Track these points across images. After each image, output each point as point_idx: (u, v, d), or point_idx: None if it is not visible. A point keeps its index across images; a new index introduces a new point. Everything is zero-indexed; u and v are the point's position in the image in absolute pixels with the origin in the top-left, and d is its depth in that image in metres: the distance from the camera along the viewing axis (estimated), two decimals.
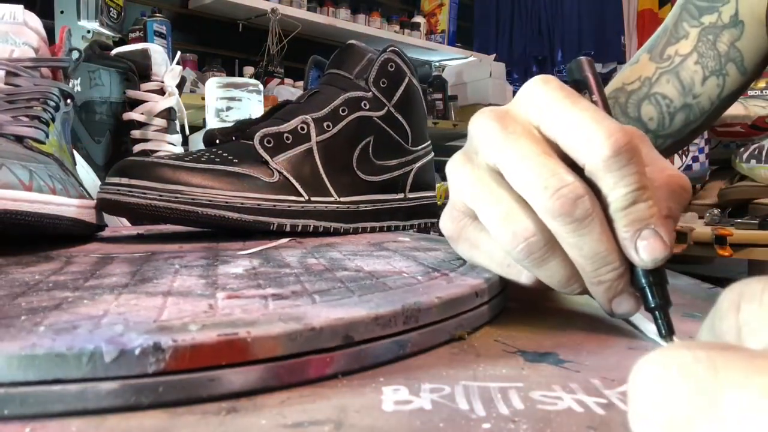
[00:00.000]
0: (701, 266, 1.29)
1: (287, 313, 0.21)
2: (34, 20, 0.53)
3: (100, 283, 0.28)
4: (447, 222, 0.31)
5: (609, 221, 0.25)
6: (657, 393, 0.12)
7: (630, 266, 0.26)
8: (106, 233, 0.52)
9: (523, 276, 0.28)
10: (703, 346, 0.12)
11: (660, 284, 0.26)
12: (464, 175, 0.28)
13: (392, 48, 0.58)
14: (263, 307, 0.23)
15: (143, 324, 0.20)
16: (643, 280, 0.26)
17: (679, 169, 1.30)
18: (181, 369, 0.18)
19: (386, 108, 0.57)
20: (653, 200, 0.25)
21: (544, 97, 0.26)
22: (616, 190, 0.24)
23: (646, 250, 0.25)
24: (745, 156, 1.17)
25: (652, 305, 0.26)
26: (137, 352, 0.18)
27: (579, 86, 0.30)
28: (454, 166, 0.29)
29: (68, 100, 0.54)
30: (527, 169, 0.25)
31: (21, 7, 0.53)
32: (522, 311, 0.31)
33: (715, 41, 0.63)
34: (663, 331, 0.26)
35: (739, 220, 1.07)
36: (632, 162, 0.24)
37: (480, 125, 0.27)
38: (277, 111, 0.56)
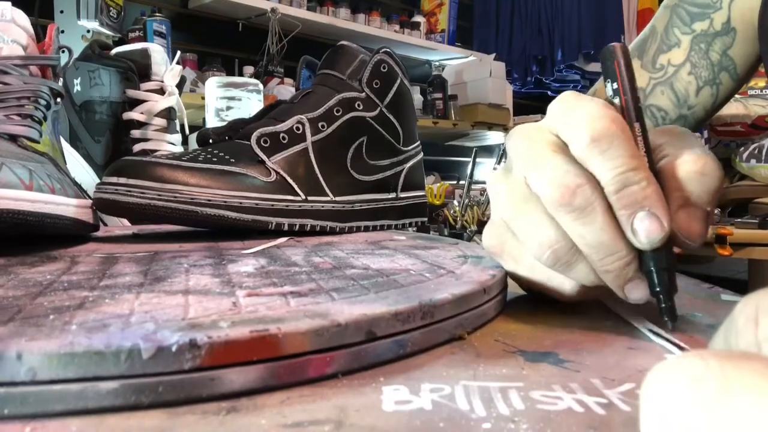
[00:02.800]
0: (701, 266, 1.29)
1: (311, 310, 0.22)
2: (22, 18, 0.53)
3: (115, 282, 0.28)
4: (490, 238, 0.32)
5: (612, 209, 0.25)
6: (668, 406, 0.12)
7: (639, 252, 0.26)
8: (100, 233, 0.52)
9: (566, 286, 0.29)
10: (717, 355, 0.12)
11: (666, 269, 0.26)
12: (501, 192, 0.29)
13: (385, 49, 0.59)
14: (285, 305, 0.23)
15: (173, 322, 0.20)
16: (649, 264, 0.26)
17: None
18: (216, 365, 0.19)
19: (379, 108, 0.57)
20: (648, 182, 0.25)
21: (558, 107, 0.28)
22: (605, 174, 0.25)
23: (643, 232, 0.25)
24: (745, 155, 1.17)
25: (657, 290, 0.26)
26: (174, 349, 0.18)
27: (608, 75, 0.29)
28: (493, 182, 0.30)
29: (58, 99, 0.54)
30: (541, 171, 0.26)
31: (9, 3, 0.52)
32: (522, 311, 0.31)
33: (708, 50, 0.62)
34: (665, 317, 0.26)
35: (739, 220, 1.07)
36: (614, 145, 0.25)
37: (512, 141, 0.29)
38: (270, 111, 0.56)
